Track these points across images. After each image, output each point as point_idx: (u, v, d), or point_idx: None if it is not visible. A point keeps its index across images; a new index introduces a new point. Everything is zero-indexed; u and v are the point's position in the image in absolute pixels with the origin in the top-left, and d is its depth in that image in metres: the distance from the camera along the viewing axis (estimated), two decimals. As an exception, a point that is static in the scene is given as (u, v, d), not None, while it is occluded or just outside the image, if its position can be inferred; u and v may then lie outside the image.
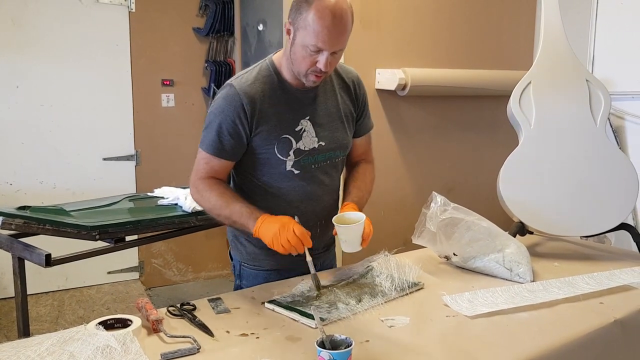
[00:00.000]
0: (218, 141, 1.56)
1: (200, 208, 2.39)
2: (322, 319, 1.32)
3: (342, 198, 1.75)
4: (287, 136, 1.59)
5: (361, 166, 1.81)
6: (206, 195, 1.59)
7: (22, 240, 2.14)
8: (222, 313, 1.41)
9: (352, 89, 1.72)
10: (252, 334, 1.29)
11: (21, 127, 3.59)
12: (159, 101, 4.01)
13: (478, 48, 3.31)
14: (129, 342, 1.18)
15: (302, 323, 1.34)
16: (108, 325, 1.26)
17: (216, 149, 1.57)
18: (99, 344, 1.16)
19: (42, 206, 2.34)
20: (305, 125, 1.61)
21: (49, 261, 1.99)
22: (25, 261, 2.08)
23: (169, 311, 1.40)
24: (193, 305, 1.44)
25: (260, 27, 3.66)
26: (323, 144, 1.64)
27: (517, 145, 2.02)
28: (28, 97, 3.59)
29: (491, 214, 1.85)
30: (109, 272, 3.96)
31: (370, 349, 1.22)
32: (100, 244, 2.18)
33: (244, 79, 1.58)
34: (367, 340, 1.26)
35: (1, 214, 2.12)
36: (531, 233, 2.09)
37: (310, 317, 1.33)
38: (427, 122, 3.19)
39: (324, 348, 1.10)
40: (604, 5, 3.19)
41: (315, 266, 1.52)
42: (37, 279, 3.50)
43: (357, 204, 1.65)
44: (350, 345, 1.10)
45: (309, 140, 1.61)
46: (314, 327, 1.30)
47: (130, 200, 2.58)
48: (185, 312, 1.39)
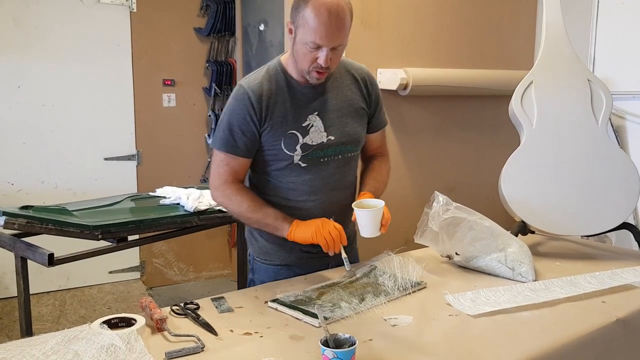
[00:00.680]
0: (232, 140, 1.61)
1: (203, 208, 2.41)
2: (325, 318, 1.32)
3: (358, 190, 1.78)
4: (294, 132, 1.62)
5: (377, 159, 1.85)
6: (236, 199, 1.64)
7: (25, 239, 2.15)
8: (226, 312, 1.41)
9: (363, 85, 1.74)
10: (256, 332, 1.29)
11: (22, 127, 3.60)
12: (160, 101, 4.01)
13: (479, 48, 3.32)
14: (133, 341, 1.18)
15: (305, 322, 1.34)
16: (112, 325, 1.27)
17: (232, 147, 1.62)
18: (103, 342, 1.16)
19: (44, 206, 2.34)
20: (314, 120, 1.64)
21: (51, 261, 1.99)
22: (28, 261, 2.08)
23: (172, 310, 1.40)
24: (196, 305, 1.44)
25: (261, 27, 3.66)
26: (332, 138, 1.66)
27: (519, 144, 2.02)
28: (29, 97, 3.59)
29: (493, 213, 1.85)
30: (110, 272, 3.96)
31: (373, 348, 1.22)
32: (102, 244, 2.18)
33: (252, 79, 1.64)
34: (371, 339, 1.26)
35: (4, 214, 2.13)
36: (533, 232, 2.10)
37: (313, 315, 1.33)
38: (428, 121, 3.19)
39: (328, 347, 1.10)
40: (605, 5, 3.19)
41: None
42: (39, 278, 3.50)
43: (374, 194, 1.68)
44: (354, 344, 1.11)
45: (317, 136, 1.64)
46: (317, 325, 1.31)
47: (132, 200, 2.59)
48: (189, 311, 1.39)
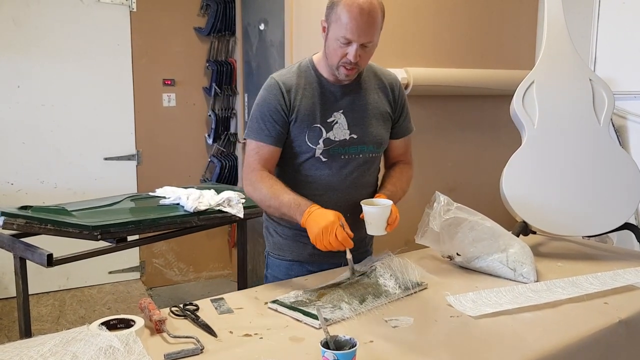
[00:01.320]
0: (264, 127, 1.65)
1: (202, 208, 2.40)
2: (325, 319, 1.31)
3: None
4: (318, 125, 1.66)
5: (399, 166, 1.86)
6: (258, 186, 1.65)
7: (24, 240, 2.14)
8: (225, 313, 1.40)
9: (391, 90, 1.78)
10: (256, 334, 1.28)
11: (22, 127, 3.59)
12: (160, 101, 4.01)
13: (481, 47, 3.30)
14: (132, 342, 1.17)
15: (305, 323, 1.34)
16: (111, 326, 1.26)
17: (262, 135, 1.66)
18: (102, 344, 1.15)
19: (43, 206, 2.34)
20: (338, 117, 1.68)
21: (50, 261, 1.99)
22: (27, 261, 2.07)
23: (171, 311, 1.39)
24: (196, 306, 1.43)
25: (261, 27, 3.65)
26: (355, 137, 1.69)
27: (520, 144, 2.01)
28: (29, 97, 3.59)
29: (494, 213, 1.85)
30: (110, 272, 3.95)
31: (374, 350, 1.22)
32: (101, 244, 2.18)
33: (283, 72, 1.71)
34: (372, 341, 1.25)
35: (3, 214, 2.12)
36: (534, 233, 2.09)
37: (313, 317, 1.33)
38: (429, 121, 3.18)
39: (328, 348, 1.09)
40: (606, 5, 3.17)
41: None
42: (38, 278, 3.49)
43: (389, 197, 1.68)
44: (355, 346, 1.10)
45: (340, 132, 1.68)
46: (317, 327, 1.30)
47: (132, 200, 2.58)
48: (188, 313, 1.38)
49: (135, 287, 3.94)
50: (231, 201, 2.49)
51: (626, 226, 2.00)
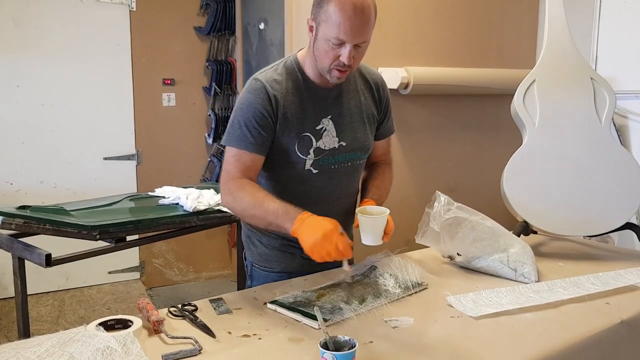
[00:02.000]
0: (248, 134, 1.52)
1: (202, 208, 2.39)
2: (325, 320, 1.31)
3: (359, 197, 1.74)
4: (308, 134, 1.56)
5: (380, 166, 1.79)
6: (239, 195, 1.50)
7: (22, 240, 2.13)
8: (224, 314, 1.39)
9: (376, 90, 1.70)
10: (254, 335, 1.28)
11: (22, 126, 3.59)
12: (160, 100, 4.00)
13: (481, 46, 3.29)
14: (129, 343, 1.17)
15: (305, 324, 1.33)
16: (108, 326, 1.25)
17: (245, 142, 1.52)
18: (99, 345, 1.14)
19: (42, 206, 2.33)
20: (327, 124, 1.59)
21: (49, 261, 1.98)
22: (26, 261, 2.07)
23: (170, 312, 1.38)
24: (194, 306, 1.42)
25: (261, 26, 3.64)
26: (344, 144, 1.61)
27: (521, 144, 2.00)
28: (29, 96, 3.58)
29: (494, 213, 1.84)
30: (110, 272, 3.95)
31: (374, 350, 1.21)
32: (100, 244, 2.17)
33: (269, 74, 1.57)
34: (371, 342, 1.24)
35: (1, 214, 2.11)
36: (535, 233, 2.08)
37: (313, 317, 1.31)
38: (429, 121, 3.17)
39: (328, 349, 1.08)
40: (607, 4, 3.17)
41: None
42: (38, 278, 3.49)
43: (376, 201, 1.62)
44: (354, 347, 1.09)
45: (329, 140, 1.59)
46: (317, 327, 1.29)
47: (131, 200, 2.57)
48: (187, 313, 1.37)
49: (135, 287, 3.94)
50: (231, 201, 2.48)
51: (627, 226, 1.99)
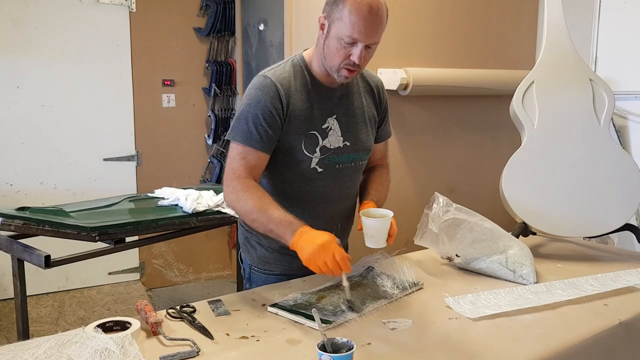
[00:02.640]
0: (255, 132, 1.52)
1: (201, 209, 2.39)
2: (328, 322, 1.31)
3: (358, 199, 1.74)
4: (314, 132, 1.57)
5: (378, 170, 1.81)
6: (243, 197, 1.48)
7: (22, 241, 2.13)
8: (222, 315, 1.39)
9: (376, 93, 1.73)
10: (253, 336, 1.28)
11: (22, 127, 3.59)
12: (160, 101, 4.00)
13: (480, 47, 3.29)
14: (127, 345, 1.17)
15: (308, 326, 1.32)
16: (107, 328, 1.25)
17: (252, 140, 1.52)
18: (97, 347, 1.14)
19: (41, 207, 2.33)
20: (332, 123, 1.60)
21: (48, 262, 1.98)
22: (25, 262, 2.07)
23: (168, 313, 1.38)
24: (193, 308, 1.42)
25: (261, 27, 3.64)
26: (348, 144, 1.63)
27: (520, 145, 2.00)
28: (28, 97, 3.58)
29: (493, 214, 1.84)
30: (110, 273, 3.95)
31: (372, 352, 1.21)
32: (100, 245, 2.17)
33: (277, 71, 1.57)
34: (369, 343, 1.24)
35: (1, 215, 2.11)
36: (534, 234, 2.07)
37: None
38: (429, 122, 3.17)
39: (325, 351, 1.08)
40: (607, 5, 3.16)
41: None
42: (38, 279, 3.49)
43: (376, 203, 1.64)
44: (352, 349, 1.09)
45: (334, 139, 1.60)
46: (321, 330, 1.28)
47: (131, 201, 2.57)
48: (185, 315, 1.37)
49: (135, 288, 3.94)
50: (230, 202, 2.48)
51: (627, 227, 1.99)
